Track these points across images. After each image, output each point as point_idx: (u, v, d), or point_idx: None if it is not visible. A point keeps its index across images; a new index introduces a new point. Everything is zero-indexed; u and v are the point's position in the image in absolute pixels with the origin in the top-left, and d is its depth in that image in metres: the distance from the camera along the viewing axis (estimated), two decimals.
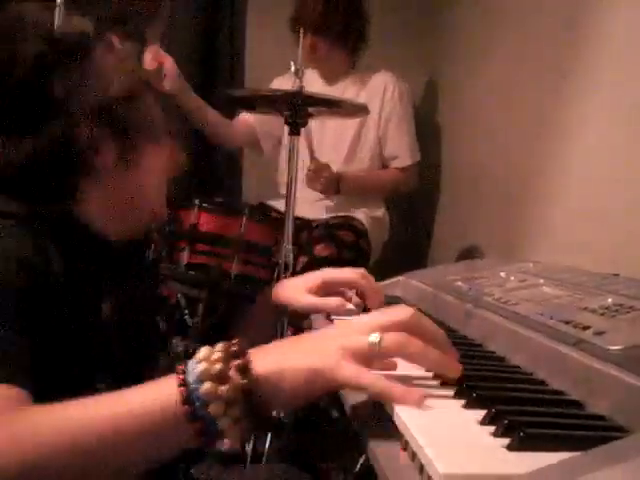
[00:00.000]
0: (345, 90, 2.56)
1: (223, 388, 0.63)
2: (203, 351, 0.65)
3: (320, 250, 2.22)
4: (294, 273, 2.10)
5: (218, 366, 0.64)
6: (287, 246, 1.79)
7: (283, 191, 2.17)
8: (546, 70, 1.96)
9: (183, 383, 0.63)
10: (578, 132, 1.76)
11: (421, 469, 0.52)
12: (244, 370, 0.64)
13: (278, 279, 1.84)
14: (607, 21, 1.66)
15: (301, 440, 1.91)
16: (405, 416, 0.60)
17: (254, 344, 0.69)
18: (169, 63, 2.22)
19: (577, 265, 1.24)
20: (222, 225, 2.07)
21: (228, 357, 0.64)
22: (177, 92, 2.29)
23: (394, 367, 0.72)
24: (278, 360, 0.67)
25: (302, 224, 2.39)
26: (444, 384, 0.71)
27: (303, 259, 2.20)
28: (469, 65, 2.66)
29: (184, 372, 0.64)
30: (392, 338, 0.67)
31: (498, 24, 2.40)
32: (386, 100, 2.55)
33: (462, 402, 0.65)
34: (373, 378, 0.65)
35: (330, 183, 2.38)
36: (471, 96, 2.61)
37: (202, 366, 0.63)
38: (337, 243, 2.28)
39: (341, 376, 0.65)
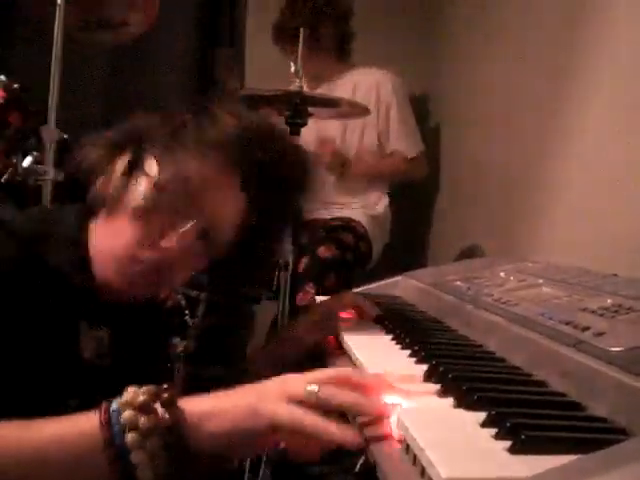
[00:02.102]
0: (337, 90, 2.53)
1: (143, 419, 0.63)
2: (132, 386, 0.65)
3: (323, 251, 2.22)
4: (296, 274, 2.11)
5: (143, 397, 0.64)
6: (287, 246, 1.79)
7: None
8: (546, 69, 1.96)
9: (106, 411, 0.63)
10: (578, 131, 1.76)
11: (422, 472, 0.52)
12: (169, 404, 0.64)
13: (278, 280, 1.84)
14: (607, 20, 1.66)
15: None
16: (406, 418, 0.60)
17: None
18: None
19: (577, 265, 1.24)
20: None
21: (156, 392, 0.65)
22: None
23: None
24: (208, 401, 0.67)
25: (301, 223, 2.39)
26: (446, 393, 0.71)
27: (305, 260, 2.20)
28: (469, 63, 2.65)
29: (109, 403, 0.64)
30: (328, 389, 0.67)
31: (499, 21, 2.40)
32: (381, 97, 2.54)
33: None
34: (311, 417, 0.65)
35: (335, 159, 2.39)
36: (471, 94, 2.61)
37: (127, 396, 0.64)
38: (339, 245, 2.28)
39: (279, 414, 0.65)
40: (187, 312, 2.10)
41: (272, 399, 0.66)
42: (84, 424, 0.64)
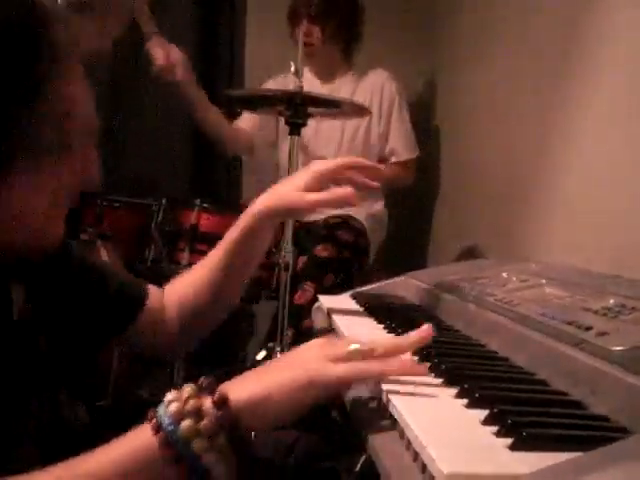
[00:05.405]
0: (341, 89, 2.56)
1: (203, 423, 0.61)
2: (170, 394, 0.64)
3: (320, 251, 2.22)
4: (294, 273, 2.10)
5: (192, 402, 0.62)
6: (287, 246, 1.78)
7: None
8: (546, 70, 1.96)
9: (158, 428, 0.62)
10: (578, 131, 1.76)
11: (423, 469, 0.52)
12: (221, 402, 0.62)
13: (278, 279, 1.83)
14: (608, 20, 1.66)
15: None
16: (407, 415, 0.60)
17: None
18: (176, 53, 2.23)
19: (577, 265, 1.24)
20: (222, 225, 2.06)
21: (199, 392, 0.64)
22: (186, 81, 2.29)
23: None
24: (255, 384, 0.66)
25: (300, 224, 2.39)
26: (447, 384, 0.71)
27: (303, 259, 2.20)
28: (469, 64, 2.66)
29: (155, 417, 0.63)
30: (368, 344, 0.69)
31: (498, 23, 2.40)
32: (384, 97, 2.56)
33: (464, 402, 0.65)
34: (365, 364, 0.66)
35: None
36: (471, 95, 2.61)
37: (174, 406, 0.62)
38: (336, 243, 2.28)
39: (333, 375, 0.65)
40: None
41: (320, 364, 0.66)
42: (142, 449, 0.62)
